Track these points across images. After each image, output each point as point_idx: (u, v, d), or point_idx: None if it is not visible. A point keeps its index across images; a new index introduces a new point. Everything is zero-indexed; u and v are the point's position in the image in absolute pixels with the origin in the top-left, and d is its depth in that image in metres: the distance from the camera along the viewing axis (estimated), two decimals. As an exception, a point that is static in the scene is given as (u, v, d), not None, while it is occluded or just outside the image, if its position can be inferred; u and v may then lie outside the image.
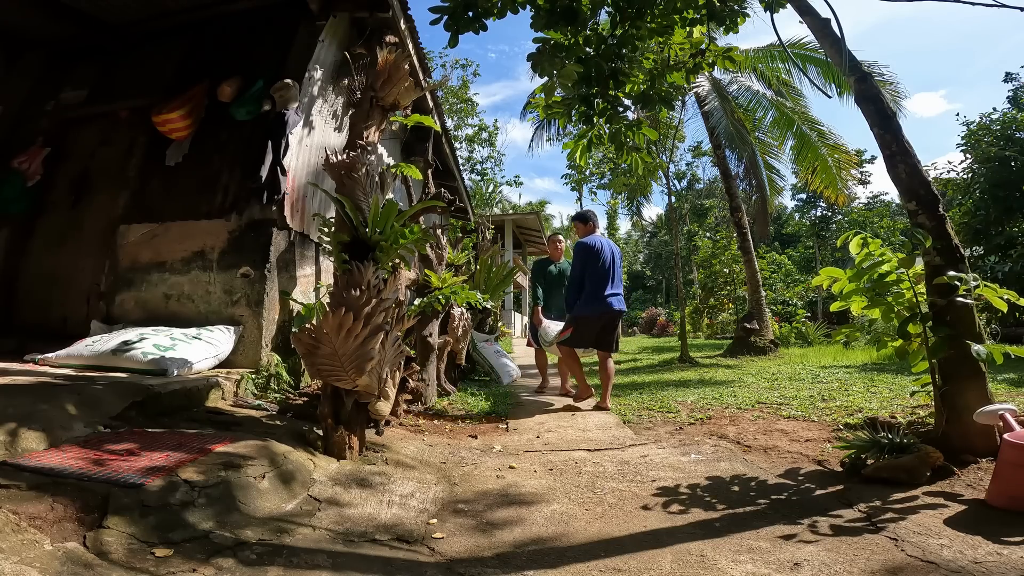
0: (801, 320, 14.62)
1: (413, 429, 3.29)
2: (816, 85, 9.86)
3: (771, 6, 2.97)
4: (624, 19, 3.00)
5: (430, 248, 4.65)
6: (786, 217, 33.20)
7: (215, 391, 2.89)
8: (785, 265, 24.45)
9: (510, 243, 17.73)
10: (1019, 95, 13.08)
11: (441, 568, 1.49)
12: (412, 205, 3.98)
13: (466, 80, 19.62)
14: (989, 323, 6.90)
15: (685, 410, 3.95)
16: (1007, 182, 10.07)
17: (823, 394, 4.25)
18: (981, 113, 13.03)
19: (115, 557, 1.32)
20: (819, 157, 10.37)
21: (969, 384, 2.29)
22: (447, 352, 4.87)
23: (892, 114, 2.70)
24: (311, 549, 1.52)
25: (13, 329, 3.91)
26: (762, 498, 2.05)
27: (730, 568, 1.46)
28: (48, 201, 4.19)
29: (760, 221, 12.96)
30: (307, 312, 3.64)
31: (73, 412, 2.07)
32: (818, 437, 2.92)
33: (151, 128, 3.85)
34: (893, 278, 2.48)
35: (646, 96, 3.31)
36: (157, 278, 3.71)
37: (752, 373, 6.46)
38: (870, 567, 1.45)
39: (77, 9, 4.24)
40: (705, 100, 11.40)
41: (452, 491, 2.18)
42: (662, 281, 37.20)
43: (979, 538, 1.59)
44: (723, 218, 21.87)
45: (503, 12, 2.85)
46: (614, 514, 1.93)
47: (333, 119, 4.45)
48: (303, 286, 3.92)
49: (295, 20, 4.03)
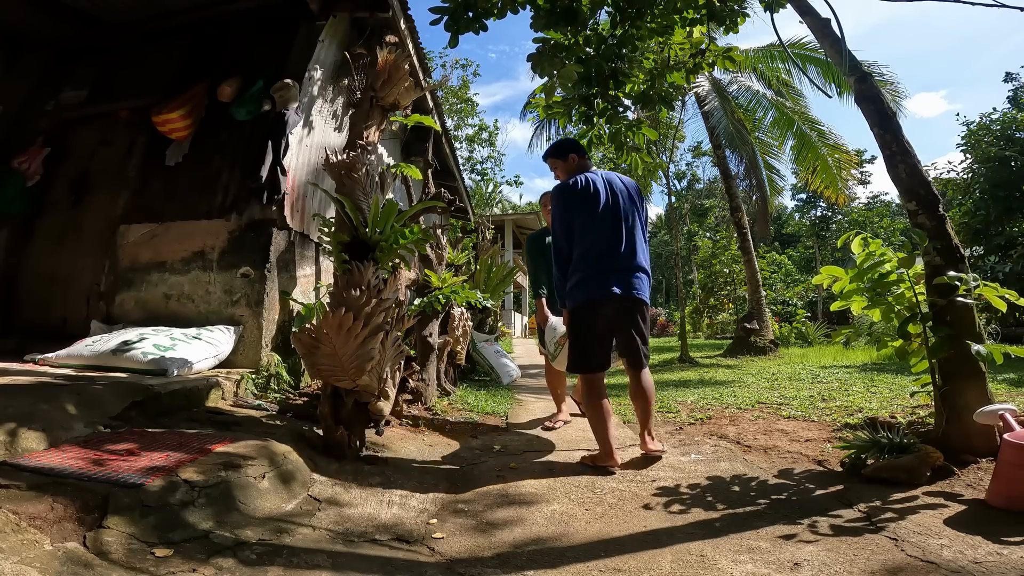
0: (801, 320, 14.64)
1: (413, 429, 3.29)
2: (816, 85, 9.87)
3: (771, 6, 2.97)
4: (624, 19, 3.00)
5: (430, 248, 4.65)
6: (786, 217, 33.20)
7: (215, 391, 2.89)
8: (785, 265, 24.47)
9: (510, 243, 17.74)
10: (1019, 95, 13.09)
11: (441, 568, 1.49)
12: (412, 205, 3.99)
13: (466, 80, 19.62)
14: (989, 323, 6.89)
15: (685, 410, 3.95)
16: (1007, 182, 10.07)
17: (823, 394, 4.25)
18: (981, 113, 13.06)
19: (115, 557, 1.32)
20: (819, 157, 10.38)
21: (969, 384, 2.29)
22: (447, 352, 4.87)
23: (892, 114, 2.69)
24: (311, 549, 1.52)
25: (13, 329, 3.91)
26: (762, 498, 2.05)
27: (730, 568, 1.46)
28: (48, 201, 4.19)
29: (760, 221, 12.97)
30: (307, 312, 3.64)
31: (73, 412, 2.07)
32: (818, 437, 2.92)
33: (151, 128, 3.85)
34: (893, 278, 2.48)
35: (646, 96, 3.31)
36: (157, 278, 3.71)
37: (752, 373, 6.47)
38: (870, 567, 1.44)
39: (77, 9, 4.24)
40: (705, 100, 11.40)
41: (452, 491, 2.18)
42: (662, 281, 37.20)
43: (979, 538, 1.59)
44: (723, 218, 21.86)
45: (503, 12, 2.85)
46: (614, 514, 1.93)
47: (333, 119, 4.45)
48: (303, 286, 3.92)
49: (295, 20, 4.03)
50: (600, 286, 2.57)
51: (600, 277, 2.58)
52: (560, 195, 2.74)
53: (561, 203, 2.72)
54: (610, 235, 2.62)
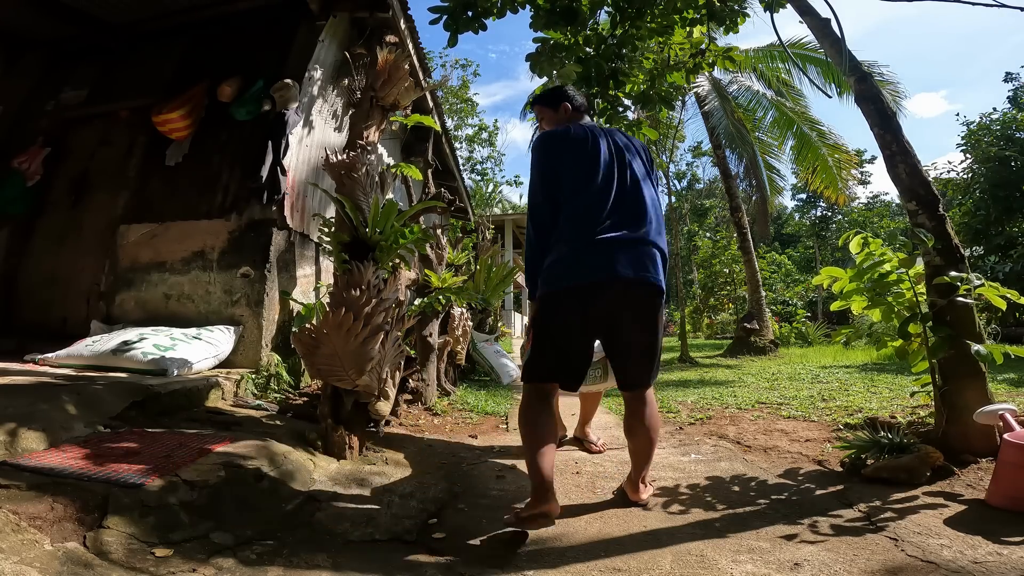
0: (801, 320, 14.64)
1: (413, 429, 3.29)
2: (816, 85, 9.88)
3: (771, 6, 2.97)
4: (624, 19, 3.01)
5: (430, 248, 4.65)
6: (786, 217, 33.19)
7: (215, 391, 2.89)
8: (785, 265, 24.47)
9: (510, 243, 17.74)
10: (1019, 95, 13.09)
11: (441, 568, 1.49)
12: (412, 205, 3.99)
13: (466, 80, 19.60)
14: (989, 323, 6.90)
15: (685, 410, 3.95)
16: (1007, 182, 10.08)
17: (823, 394, 4.25)
18: (981, 113, 13.07)
19: (115, 557, 1.32)
20: (819, 157, 10.39)
21: (969, 384, 2.29)
22: (447, 352, 4.87)
23: (892, 114, 2.70)
24: (311, 549, 1.52)
25: (13, 329, 3.91)
26: (762, 498, 2.05)
27: (730, 568, 1.46)
28: (48, 201, 4.19)
29: (760, 221, 12.98)
30: (307, 312, 3.64)
31: (73, 412, 2.07)
32: (818, 437, 2.92)
33: (151, 128, 3.85)
34: (893, 278, 2.48)
35: (646, 96, 3.32)
36: (157, 278, 3.71)
37: (752, 373, 6.47)
38: (870, 567, 1.44)
39: (77, 9, 4.24)
40: (705, 100, 11.41)
41: (452, 491, 2.18)
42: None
43: (979, 538, 1.59)
44: (723, 218, 21.87)
45: (503, 12, 2.86)
46: (614, 514, 1.93)
47: (333, 119, 4.45)
48: (303, 286, 3.92)
49: (295, 20, 4.03)
50: (596, 264, 1.80)
51: (596, 251, 1.81)
52: (544, 143, 2.00)
53: (545, 151, 1.98)
54: (614, 196, 1.88)
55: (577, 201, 1.89)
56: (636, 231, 1.87)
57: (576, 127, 2.03)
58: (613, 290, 1.83)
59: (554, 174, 1.95)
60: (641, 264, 1.84)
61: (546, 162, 1.97)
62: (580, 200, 1.88)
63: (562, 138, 2.00)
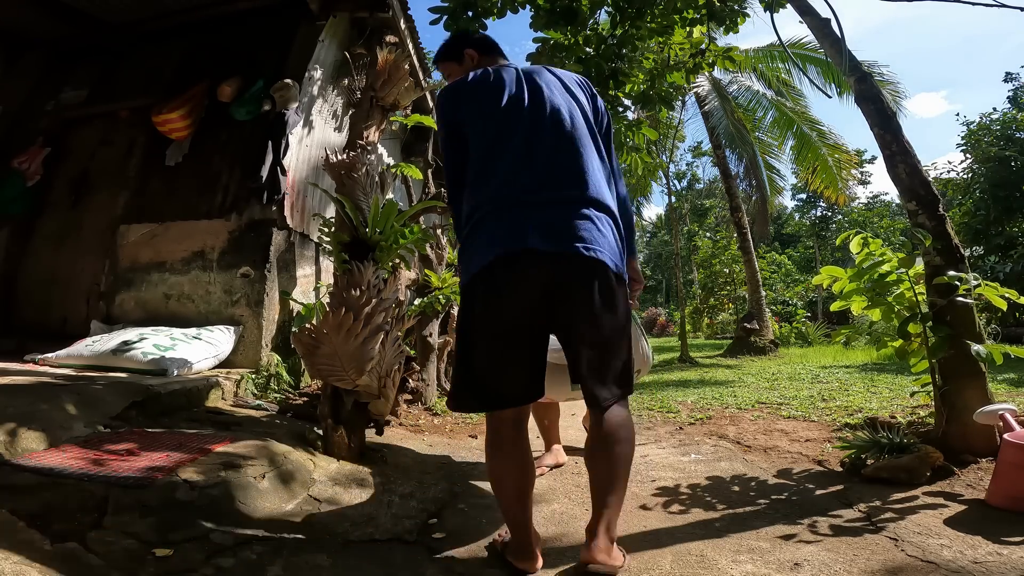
0: (801, 320, 14.65)
1: (413, 429, 3.29)
2: (816, 85, 9.87)
3: (771, 6, 2.97)
4: (624, 19, 3.01)
5: (430, 248, 4.65)
6: (786, 217, 33.18)
7: (215, 391, 2.89)
8: (785, 265, 24.46)
9: (510, 243, 17.72)
10: (1019, 95, 13.09)
11: (441, 568, 1.49)
12: (412, 205, 3.99)
13: (466, 80, 19.57)
14: (989, 323, 6.90)
15: (685, 410, 3.95)
16: (1007, 182, 10.09)
17: (823, 394, 4.25)
18: (981, 113, 13.06)
19: (115, 557, 1.31)
20: (819, 157, 10.40)
21: (969, 384, 2.29)
22: (447, 352, 4.87)
23: (892, 114, 2.70)
24: (311, 549, 1.52)
25: (13, 329, 3.91)
26: (762, 498, 2.05)
27: (730, 568, 1.46)
28: (48, 201, 4.19)
29: (760, 221, 12.99)
30: (307, 312, 3.64)
31: (73, 412, 2.07)
32: (818, 437, 2.92)
33: (151, 128, 3.85)
34: (893, 278, 2.48)
35: (646, 96, 3.32)
36: (157, 278, 3.71)
37: (752, 373, 6.47)
38: (870, 567, 1.44)
39: (77, 9, 4.24)
40: (705, 100, 11.41)
41: (452, 491, 2.18)
42: (662, 281, 37.19)
43: (979, 538, 1.59)
44: (723, 218, 21.87)
45: (503, 12, 2.86)
46: (614, 514, 1.93)
47: (333, 119, 4.45)
48: (303, 286, 3.92)
49: (295, 20, 4.04)
50: (509, 233, 1.39)
51: (510, 215, 1.42)
52: (443, 97, 1.65)
53: (442, 111, 1.63)
54: (528, 144, 1.47)
55: (485, 161, 1.50)
56: (563, 190, 1.43)
57: (482, 71, 1.64)
58: (531, 265, 1.37)
59: (458, 134, 1.58)
60: (567, 230, 1.39)
61: (445, 125, 1.62)
62: (488, 158, 1.50)
63: (459, 88, 1.62)
